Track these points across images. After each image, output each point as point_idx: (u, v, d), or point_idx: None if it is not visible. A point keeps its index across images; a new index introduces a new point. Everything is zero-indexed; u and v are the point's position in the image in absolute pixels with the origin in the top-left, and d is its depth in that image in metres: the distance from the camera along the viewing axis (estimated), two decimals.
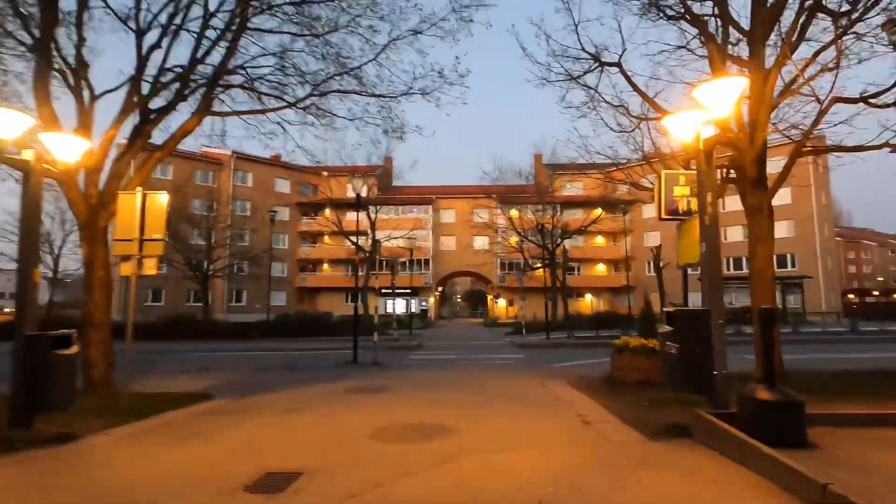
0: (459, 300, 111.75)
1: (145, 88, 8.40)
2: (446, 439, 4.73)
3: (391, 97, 9.07)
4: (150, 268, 6.15)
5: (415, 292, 46.76)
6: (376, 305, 17.68)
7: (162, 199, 6.25)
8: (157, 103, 8.41)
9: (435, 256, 47.40)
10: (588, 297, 47.92)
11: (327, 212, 46.06)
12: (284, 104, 8.43)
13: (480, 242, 44.68)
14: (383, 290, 40.14)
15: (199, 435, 5.00)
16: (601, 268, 48.72)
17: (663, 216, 6.39)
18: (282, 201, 39.99)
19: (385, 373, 10.41)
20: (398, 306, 46.45)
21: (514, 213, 31.97)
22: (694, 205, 6.16)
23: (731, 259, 42.74)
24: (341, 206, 38.52)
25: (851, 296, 52.97)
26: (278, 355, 15.36)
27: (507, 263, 46.14)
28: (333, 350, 15.60)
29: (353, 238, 30.32)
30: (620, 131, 9.86)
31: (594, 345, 17.37)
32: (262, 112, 8.46)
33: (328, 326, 25.35)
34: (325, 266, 47.55)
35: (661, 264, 40.47)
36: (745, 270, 41.05)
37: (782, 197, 41.37)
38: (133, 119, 8.30)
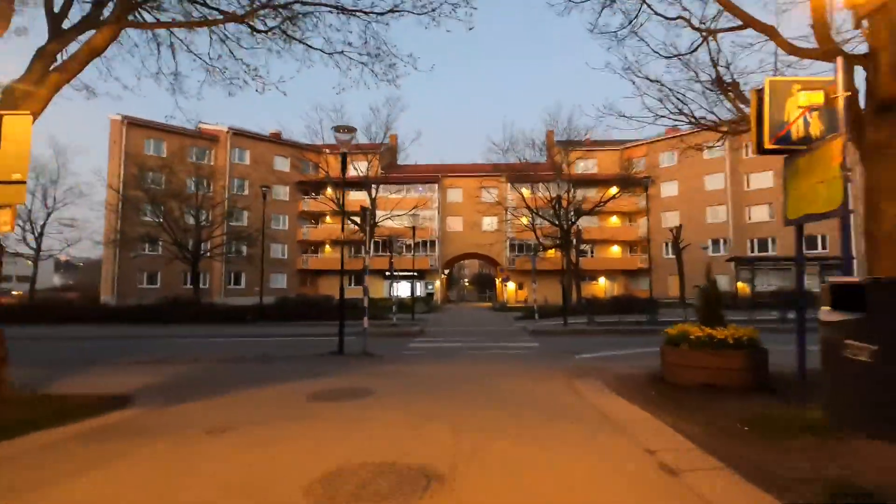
0: (467, 283, 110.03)
1: (58, 5, 6.41)
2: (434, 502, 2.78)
3: (375, 14, 6.95)
4: (4, 223, 4.18)
5: (420, 275, 44.89)
6: (385, 289, 16.02)
7: (24, 122, 4.26)
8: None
9: (441, 238, 45.36)
10: (602, 280, 45.77)
11: (328, 191, 44.21)
12: (229, 16, 6.34)
13: (489, 223, 42.55)
14: (387, 273, 38.29)
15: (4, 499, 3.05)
16: (615, 250, 46.43)
17: (767, 146, 4.32)
18: (281, 180, 37.93)
19: (373, 367, 8.48)
20: (402, 289, 44.71)
21: (525, 191, 29.73)
22: (818, 127, 4.11)
23: (755, 241, 40.26)
24: (343, 185, 36.57)
25: None
26: (264, 342, 13.56)
27: (517, 245, 44.02)
28: (327, 336, 13.77)
29: (354, 219, 28.43)
30: (674, 56, 7.57)
31: (617, 331, 15.35)
32: (203, 25, 6.40)
33: (328, 310, 23.68)
34: (328, 248, 45.71)
35: (681, 245, 38.26)
36: (770, 253, 38.64)
37: None
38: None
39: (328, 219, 45.66)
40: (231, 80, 8.38)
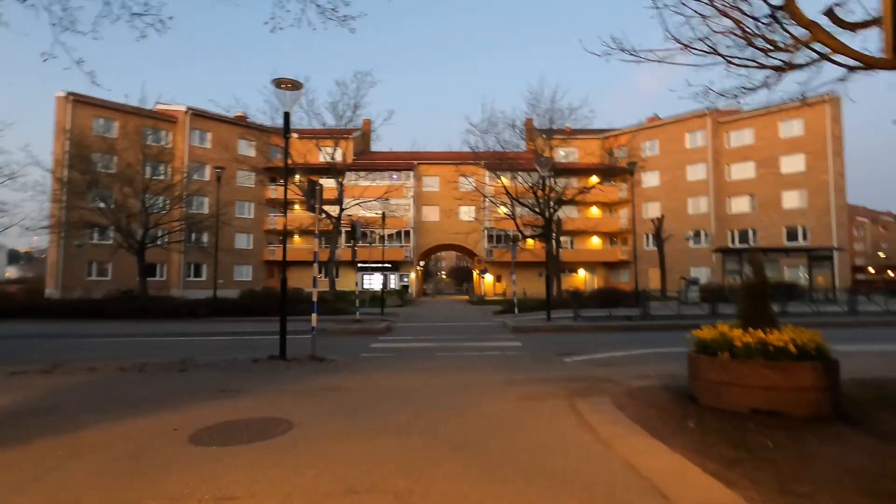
0: (444, 276, 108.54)
1: None
2: None
3: None
4: None
5: (395, 267, 42.99)
6: (357, 281, 14.10)
7: None
8: None
9: (417, 228, 43.45)
10: (581, 272, 44.67)
11: (297, 178, 41.76)
12: None
13: (466, 213, 40.85)
14: (360, 265, 36.30)
15: None
16: (596, 241, 45.36)
17: None
18: (246, 165, 35.31)
19: (313, 378, 6.64)
20: (375, 282, 42.72)
21: (505, 179, 28.03)
22: None
23: (736, 232, 39.61)
24: (313, 171, 34.23)
25: (871, 270, 50.60)
26: (200, 343, 11.59)
27: (496, 235, 42.48)
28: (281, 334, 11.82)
29: (326, 208, 26.38)
30: None
31: (607, 328, 13.81)
32: None
33: (298, 303, 21.69)
34: (297, 237, 43.28)
35: (662, 237, 37.30)
36: (751, 244, 37.94)
37: (794, 164, 38.11)
38: None
39: (297, 207, 43.21)
40: (138, 14, 6.38)
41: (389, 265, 42.41)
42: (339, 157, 28.78)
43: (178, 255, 36.42)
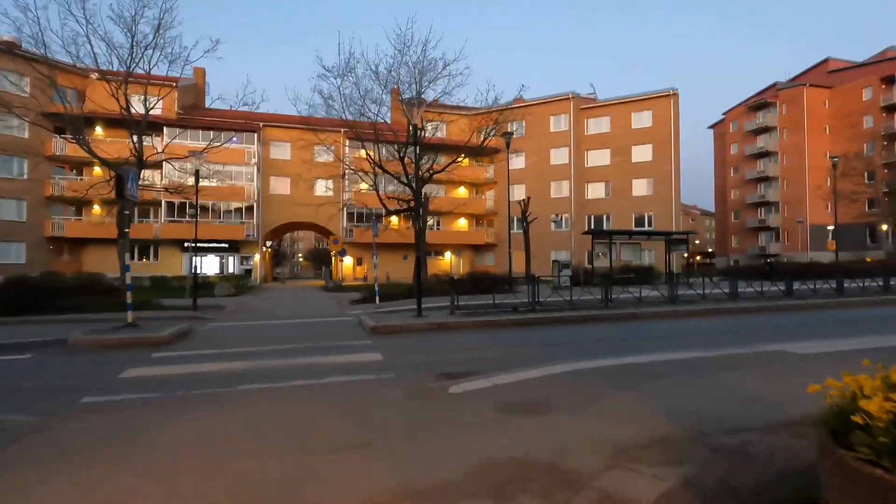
0: (301, 259, 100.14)
1: None
2: None
3: None
4: None
5: (234, 247, 36.13)
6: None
7: None
8: None
9: (262, 202, 36.96)
10: (448, 255, 42.66)
11: (98, 131, 32.29)
12: None
13: (324, 186, 35.61)
14: (188, 244, 28.98)
15: None
16: (462, 223, 43.67)
17: None
18: (15, 105, 25.36)
19: None
20: (210, 265, 35.36)
21: (367, 151, 23.74)
22: None
23: (592, 217, 41.02)
24: (119, 123, 26.01)
25: (698, 258, 57.03)
26: None
27: (356, 213, 38.09)
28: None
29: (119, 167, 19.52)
30: None
31: (493, 324, 10.80)
32: None
33: (103, 293, 15.16)
34: (96, 208, 33.65)
35: (528, 219, 36.79)
36: (606, 228, 39.49)
37: (643, 154, 40.50)
38: None
39: (97, 169, 33.53)
40: None
41: (226, 245, 35.44)
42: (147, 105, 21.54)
43: None
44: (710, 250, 74.71)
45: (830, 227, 50.52)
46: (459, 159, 26.11)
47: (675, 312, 12.14)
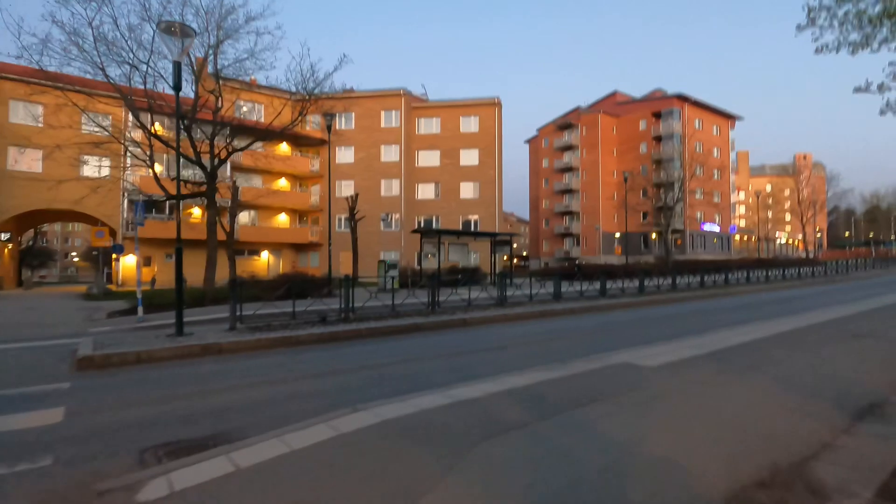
0: (77, 259, 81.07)
1: None
2: None
3: None
4: None
5: None
6: None
7: None
8: None
9: None
10: (265, 254, 37.72)
11: None
12: None
13: (93, 168, 27.75)
14: None
15: None
16: (283, 219, 39.16)
17: None
18: None
19: None
20: None
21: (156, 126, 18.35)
22: None
23: (422, 218, 40.47)
24: None
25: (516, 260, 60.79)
26: None
27: (146, 202, 30.83)
28: None
29: None
30: None
31: (294, 341, 8.12)
32: None
33: None
34: None
35: (356, 217, 34.36)
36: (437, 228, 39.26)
37: (470, 157, 41.41)
38: None
39: None
40: None
41: None
42: None
43: None
44: (524, 254, 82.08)
45: (617, 234, 59.32)
46: (265, 142, 22.24)
47: (506, 316, 11.06)
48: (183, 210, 32.16)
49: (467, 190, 40.33)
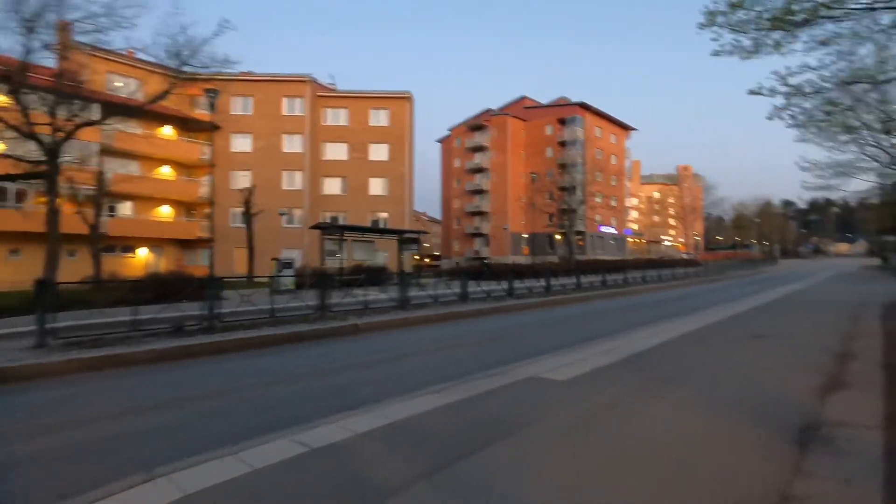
0: None
1: None
2: None
3: None
4: None
5: None
6: None
7: None
8: None
9: None
10: (144, 251, 33.20)
11: None
12: None
13: None
14: None
15: None
16: (167, 211, 34.79)
17: None
18: None
19: None
20: None
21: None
22: None
23: (328, 214, 38.11)
24: None
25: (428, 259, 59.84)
26: None
27: None
28: None
29: None
30: None
31: (131, 360, 6.28)
32: None
33: None
34: None
35: (252, 211, 31.34)
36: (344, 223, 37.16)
37: (380, 153, 39.80)
38: None
39: None
40: None
41: None
42: None
43: None
44: (437, 254, 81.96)
45: (525, 235, 60.98)
46: (141, 121, 19.19)
47: (406, 320, 9.91)
48: (36, 197, 27.08)
49: (376, 186, 38.72)
